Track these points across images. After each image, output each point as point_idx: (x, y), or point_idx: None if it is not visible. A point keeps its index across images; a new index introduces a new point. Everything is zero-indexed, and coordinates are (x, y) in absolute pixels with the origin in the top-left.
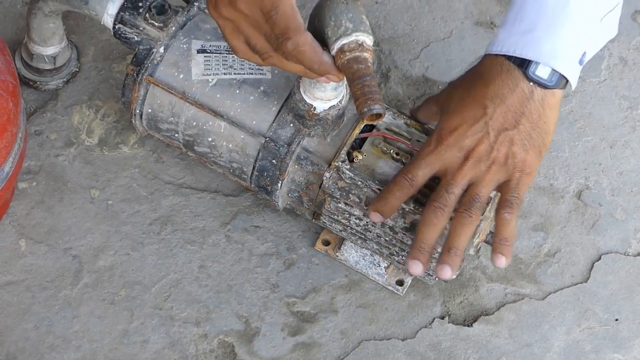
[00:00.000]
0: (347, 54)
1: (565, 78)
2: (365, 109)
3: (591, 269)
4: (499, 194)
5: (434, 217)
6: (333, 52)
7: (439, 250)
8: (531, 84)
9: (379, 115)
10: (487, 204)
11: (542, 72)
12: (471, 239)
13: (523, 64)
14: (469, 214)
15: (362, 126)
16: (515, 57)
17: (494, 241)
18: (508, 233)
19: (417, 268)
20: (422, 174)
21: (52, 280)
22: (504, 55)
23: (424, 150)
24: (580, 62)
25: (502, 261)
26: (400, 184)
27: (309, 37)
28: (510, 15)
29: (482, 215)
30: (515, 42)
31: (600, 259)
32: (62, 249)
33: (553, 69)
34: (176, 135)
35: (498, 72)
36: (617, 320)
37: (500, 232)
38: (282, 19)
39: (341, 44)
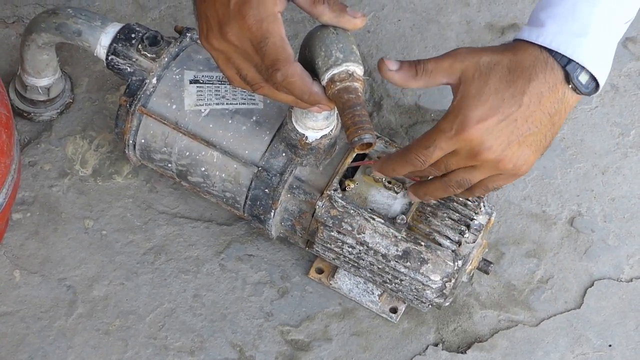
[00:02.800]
0: (338, 83)
1: (598, 86)
2: (356, 139)
3: (584, 295)
4: (492, 220)
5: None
6: (324, 82)
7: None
8: (570, 86)
9: (369, 145)
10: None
11: (583, 77)
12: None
13: (568, 65)
14: (453, 190)
15: (354, 155)
16: (562, 56)
17: (425, 186)
18: (441, 195)
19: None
20: (435, 156)
21: (46, 311)
22: (547, 50)
23: (442, 132)
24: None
25: (415, 198)
26: (412, 162)
27: (298, 67)
28: (561, 9)
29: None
30: (567, 42)
31: (593, 285)
32: (56, 280)
33: (591, 76)
34: (169, 165)
35: (542, 68)
36: (610, 346)
37: (435, 190)
38: (272, 50)
39: (332, 74)
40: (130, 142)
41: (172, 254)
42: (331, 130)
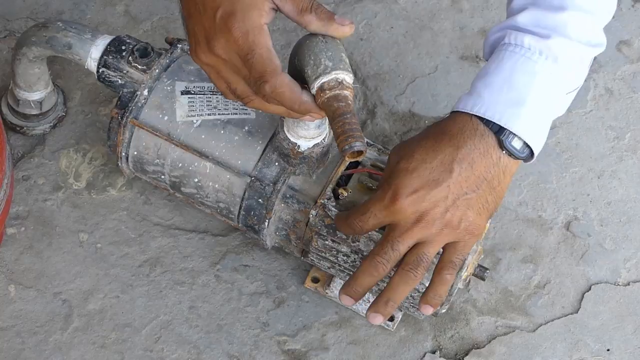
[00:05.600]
0: (327, 92)
1: (533, 153)
2: (346, 147)
3: (581, 299)
4: (487, 226)
5: (374, 270)
6: (313, 90)
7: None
8: (503, 151)
9: (360, 153)
10: (431, 262)
11: (516, 143)
12: (456, 277)
13: (501, 133)
14: (414, 273)
15: (347, 163)
16: (494, 123)
17: (427, 292)
18: (443, 292)
19: (349, 302)
20: (370, 223)
21: (42, 325)
22: (478, 117)
23: (376, 201)
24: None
25: (429, 311)
26: (351, 225)
27: (286, 78)
28: (497, 79)
29: (426, 272)
30: (502, 111)
31: (590, 289)
32: (51, 294)
33: (526, 143)
34: (162, 177)
35: (471, 135)
36: (608, 350)
37: (435, 289)
38: (259, 63)
39: (321, 82)
40: (123, 154)
41: (167, 265)
42: (323, 139)
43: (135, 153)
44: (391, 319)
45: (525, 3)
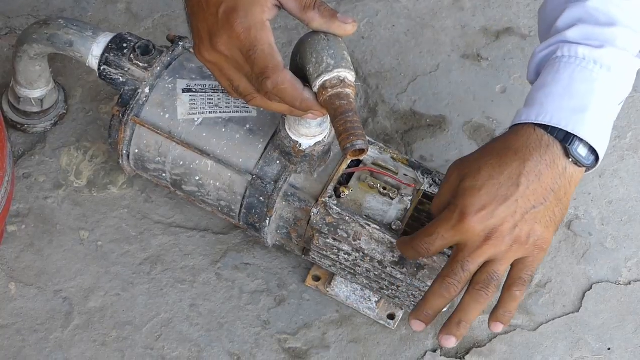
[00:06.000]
0: (329, 90)
1: (598, 159)
2: (348, 145)
3: (582, 298)
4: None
5: (445, 291)
6: (315, 88)
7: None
8: (569, 160)
9: (362, 151)
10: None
11: (582, 151)
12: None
13: (566, 140)
14: (485, 292)
15: (349, 161)
16: (559, 130)
17: (497, 309)
18: (513, 308)
19: (419, 327)
20: (437, 245)
21: (42, 323)
22: (542, 127)
23: (443, 222)
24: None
25: (499, 328)
26: (417, 247)
27: (288, 74)
28: (557, 88)
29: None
30: (568, 118)
31: (591, 288)
32: (52, 291)
33: (590, 149)
34: (164, 174)
35: (537, 146)
36: (609, 349)
37: (506, 306)
38: (261, 58)
39: (323, 80)
40: (124, 152)
41: (168, 263)
42: (325, 137)
43: (137, 151)
44: (392, 317)
45: (573, 21)
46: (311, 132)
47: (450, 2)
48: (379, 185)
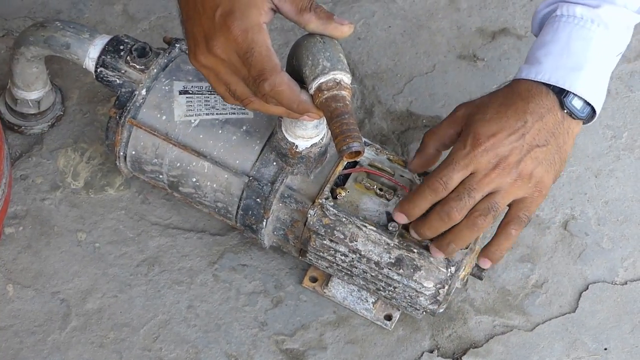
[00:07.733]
0: (325, 92)
1: (594, 112)
2: (344, 147)
3: (579, 298)
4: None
5: (447, 216)
6: (311, 90)
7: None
8: (565, 111)
9: (358, 153)
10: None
11: (577, 103)
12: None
13: (561, 93)
14: (481, 221)
15: (345, 163)
16: (554, 86)
17: (490, 246)
18: (506, 247)
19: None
20: (457, 177)
21: (40, 325)
22: (541, 83)
23: (457, 153)
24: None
25: (488, 264)
26: (434, 186)
27: (285, 77)
28: (555, 47)
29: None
30: (565, 76)
31: (587, 288)
32: (49, 293)
33: (585, 102)
34: (160, 176)
35: (537, 93)
36: (606, 349)
37: (500, 242)
38: (258, 61)
39: (319, 82)
40: (121, 154)
41: (165, 265)
42: (321, 139)
43: (133, 153)
44: (389, 318)
45: None
46: (307, 134)
47: (446, 2)
48: (375, 187)
